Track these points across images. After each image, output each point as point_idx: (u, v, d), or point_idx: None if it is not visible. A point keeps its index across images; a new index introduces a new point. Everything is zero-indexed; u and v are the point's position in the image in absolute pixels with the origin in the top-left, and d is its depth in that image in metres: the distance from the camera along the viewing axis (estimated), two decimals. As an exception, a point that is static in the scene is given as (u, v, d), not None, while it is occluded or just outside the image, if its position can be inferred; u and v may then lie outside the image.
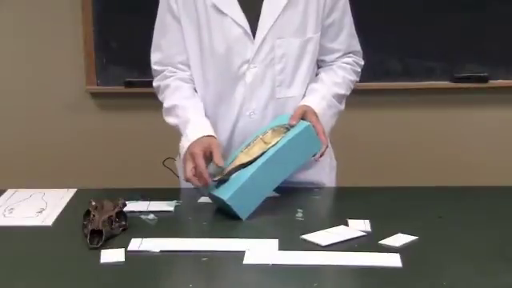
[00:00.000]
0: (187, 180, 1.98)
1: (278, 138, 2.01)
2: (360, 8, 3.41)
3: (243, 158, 1.99)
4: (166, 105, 2.16)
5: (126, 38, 3.45)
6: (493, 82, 3.46)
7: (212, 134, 2.04)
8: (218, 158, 1.96)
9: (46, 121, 3.59)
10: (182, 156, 2.07)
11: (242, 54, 2.09)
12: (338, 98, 2.18)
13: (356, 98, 3.49)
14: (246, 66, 2.09)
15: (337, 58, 2.20)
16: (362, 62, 2.27)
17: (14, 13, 3.51)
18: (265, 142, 2.02)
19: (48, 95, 3.56)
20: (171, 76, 2.16)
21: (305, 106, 2.08)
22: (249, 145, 2.03)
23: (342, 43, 2.19)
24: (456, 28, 3.41)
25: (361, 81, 3.41)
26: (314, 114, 2.06)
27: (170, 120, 2.15)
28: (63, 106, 3.58)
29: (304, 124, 2.03)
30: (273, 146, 1.99)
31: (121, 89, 3.51)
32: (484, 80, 3.45)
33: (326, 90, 2.15)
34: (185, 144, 2.04)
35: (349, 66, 2.22)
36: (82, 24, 3.46)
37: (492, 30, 3.41)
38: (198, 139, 2.01)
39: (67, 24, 3.48)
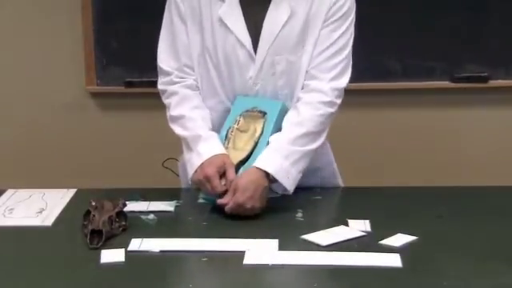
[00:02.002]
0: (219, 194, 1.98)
1: (256, 124, 2.03)
2: (360, 8, 3.41)
3: (237, 155, 2.01)
4: (173, 113, 2.13)
5: (125, 38, 3.45)
6: (493, 82, 3.46)
7: (224, 151, 2.02)
8: (231, 177, 1.96)
9: (46, 121, 3.59)
10: (191, 170, 2.04)
11: (245, 72, 2.08)
12: (302, 139, 2.03)
13: (356, 98, 3.50)
14: (249, 84, 2.09)
15: (312, 67, 2.07)
16: (342, 85, 2.10)
17: (13, 13, 3.50)
18: (241, 131, 2.03)
19: (48, 95, 3.56)
20: (178, 82, 2.13)
21: (245, 175, 1.98)
22: (227, 138, 2.05)
23: (320, 53, 2.07)
24: (456, 28, 3.41)
25: (361, 81, 3.44)
26: (242, 189, 1.93)
27: (178, 130, 2.11)
28: (63, 105, 3.58)
29: (279, 104, 2.06)
30: (261, 134, 2.02)
31: (121, 89, 3.51)
32: (484, 80, 3.45)
33: (282, 140, 2.01)
34: (196, 161, 2.02)
35: (316, 98, 2.06)
36: (81, 24, 3.46)
37: (492, 29, 3.41)
38: (210, 158, 2.00)
39: (67, 24, 3.48)
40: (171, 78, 2.14)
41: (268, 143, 2.03)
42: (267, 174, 1.97)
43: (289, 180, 2.01)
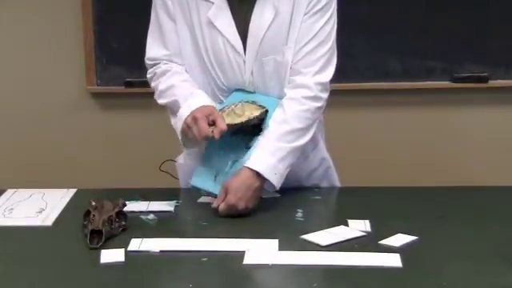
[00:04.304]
0: (205, 137, 1.95)
1: (253, 111, 2.02)
2: (360, 8, 3.43)
3: (227, 119, 1.99)
4: (161, 86, 2.11)
5: (126, 38, 3.45)
6: (493, 82, 3.46)
7: (214, 104, 2.02)
8: (221, 126, 1.93)
9: (46, 121, 3.59)
10: (180, 123, 2.01)
11: (238, 74, 2.08)
12: (288, 135, 2.02)
13: (356, 98, 3.51)
14: (241, 84, 2.09)
15: (295, 62, 2.06)
16: (326, 79, 2.07)
17: (14, 13, 3.51)
18: (236, 113, 2.03)
19: (48, 95, 3.57)
20: (167, 64, 2.13)
21: (236, 176, 1.97)
22: (221, 110, 2.03)
23: (303, 47, 2.05)
24: (456, 28, 3.41)
25: (361, 81, 3.45)
26: (233, 190, 1.94)
27: (166, 100, 2.09)
28: (63, 106, 3.58)
29: (275, 101, 2.06)
30: (257, 121, 2.03)
31: (121, 89, 3.52)
32: (484, 80, 3.45)
33: (269, 137, 2.02)
34: (186, 112, 1.99)
35: (300, 93, 2.05)
36: (82, 24, 3.46)
37: (492, 29, 3.41)
38: (200, 107, 1.98)
39: (67, 24, 3.48)
40: (160, 64, 2.14)
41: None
42: (258, 174, 1.97)
43: (276, 176, 1.99)
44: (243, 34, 2.05)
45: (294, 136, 2.03)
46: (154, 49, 2.16)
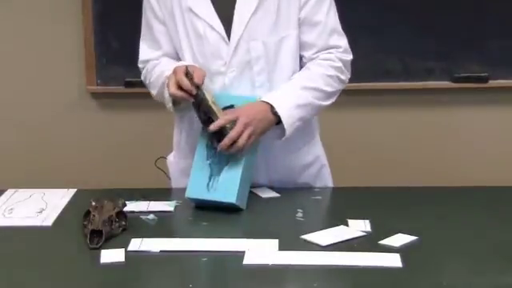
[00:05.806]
0: (172, 95, 1.98)
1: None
2: (360, 8, 3.42)
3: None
4: (152, 77, 2.16)
5: (126, 38, 3.44)
6: (493, 82, 3.46)
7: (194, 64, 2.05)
8: (197, 76, 1.96)
9: (46, 121, 3.59)
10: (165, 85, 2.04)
11: (219, 59, 2.08)
12: (310, 90, 2.07)
13: (356, 98, 3.51)
14: (223, 69, 2.08)
15: (314, 53, 2.11)
16: (347, 58, 2.15)
17: (14, 13, 3.50)
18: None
19: (48, 95, 3.56)
20: (157, 60, 2.17)
21: (245, 108, 2.00)
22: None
23: (316, 39, 2.10)
24: (456, 28, 3.41)
25: (361, 81, 3.45)
26: (247, 117, 1.96)
27: (156, 86, 2.13)
28: (63, 106, 3.58)
29: (252, 100, 2.04)
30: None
31: (121, 89, 3.51)
32: (484, 80, 3.45)
33: (291, 84, 2.07)
34: (167, 74, 2.03)
35: (326, 62, 2.11)
36: (82, 24, 3.46)
37: (492, 29, 3.41)
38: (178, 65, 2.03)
39: (67, 24, 3.48)
40: (152, 62, 2.18)
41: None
42: (271, 107, 2.00)
43: (288, 119, 2.01)
44: (227, 19, 2.06)
45: (316, 93, 2.07)
46: (145, 52, 2.21)
